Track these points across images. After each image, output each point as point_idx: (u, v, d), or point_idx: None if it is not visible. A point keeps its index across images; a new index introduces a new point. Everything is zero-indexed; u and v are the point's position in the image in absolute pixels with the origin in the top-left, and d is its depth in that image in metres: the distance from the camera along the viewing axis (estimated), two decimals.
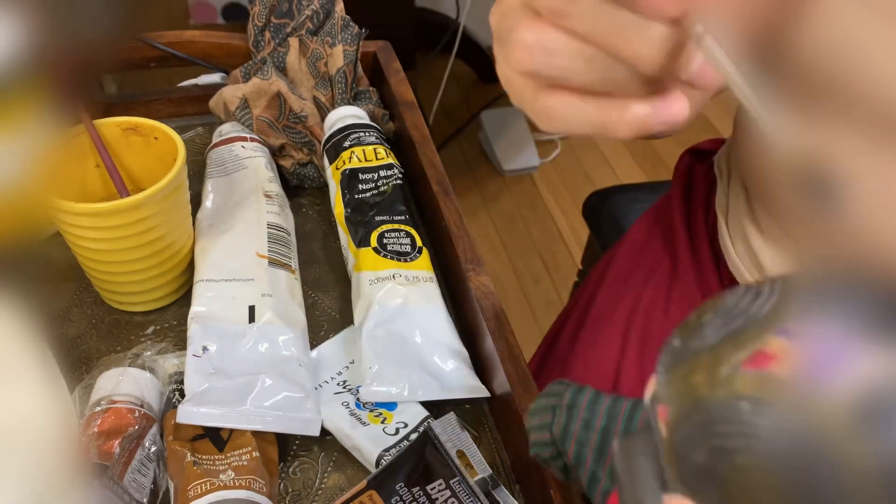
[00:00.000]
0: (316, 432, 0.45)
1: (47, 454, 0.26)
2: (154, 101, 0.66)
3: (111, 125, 0.51)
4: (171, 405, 0.46)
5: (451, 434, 0.44)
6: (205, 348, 0.46)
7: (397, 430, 0.45)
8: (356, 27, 0.63)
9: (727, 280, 0.56)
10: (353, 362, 0.50)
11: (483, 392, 0.48)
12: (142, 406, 0.44)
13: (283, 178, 0.61)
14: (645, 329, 0.60)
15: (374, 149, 0.57)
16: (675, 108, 0.26)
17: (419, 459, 0.42)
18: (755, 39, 0.45)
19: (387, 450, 0.44)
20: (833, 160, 0.42)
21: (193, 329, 0.47)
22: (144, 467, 0.42)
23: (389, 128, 0.64)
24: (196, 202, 0.55)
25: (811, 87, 0.42)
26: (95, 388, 0.45)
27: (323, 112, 0.61)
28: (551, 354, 0.66)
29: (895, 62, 0.37)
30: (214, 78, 0.68)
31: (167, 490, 0.42)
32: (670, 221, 0.63)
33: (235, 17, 2.18)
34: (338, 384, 0.49)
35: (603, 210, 0.97)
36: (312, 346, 0.51)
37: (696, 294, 0.58)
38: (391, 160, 0.58)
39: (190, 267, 0.52)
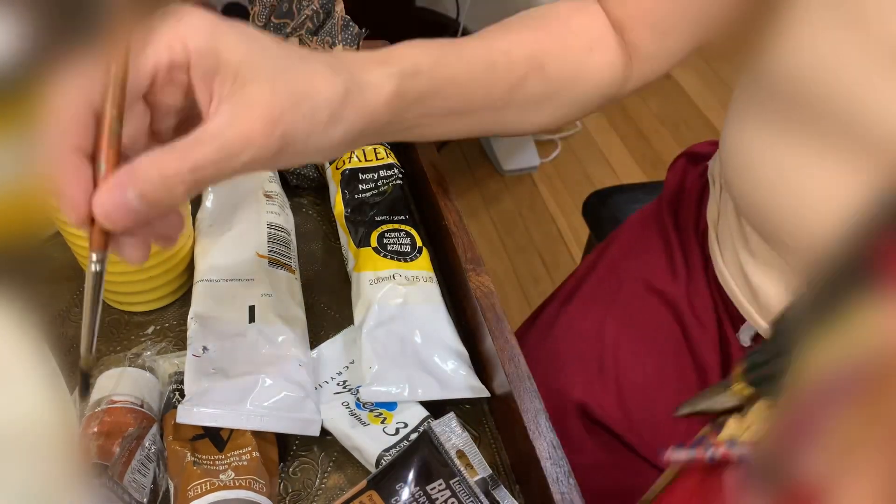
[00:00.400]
0: (316, 432, 0.45)
1: (47, 454, 0.26)
2: None
3: None
4: (170, 405, 0.46)
5: (451, 434, 0.43)
6: (205, 348, 0.46)
7: (397, 430, 0.45)
8: (356, 27, 0.63)
9: (714, 283, 0.56)
10: (353, 362, 0.50)
11: (483, 392, 0.48)
12: (142, 406, 0.44)
13: (284, 177, 0.61)
14: (626, 310, 0.60)
15: (374, 148, 0.57)
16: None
17: (419, 459, 0.42)
18: (737, 55, 0.45)
19: (387, 450, 0.44)
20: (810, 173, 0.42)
21: (193, 329, 0.47)
22: (144, 467, 0.42)
23: None
24: (196, 202, 0.55)
25: (785, 104, 0.43)
26: (95, 388, 0.44)
27: None
28: (538, 319, 0.67)
29: (861, 82, 0.37)
30: None
31: (167, 490, 0.42)
32: (662, 222, 0.63)
33: (236, 16, 2.17)
34: (338, 384, 0.49)
35: (603, 210, 0.97)
36: (312, 346, 0.51)
37: (682, 296, 0.58)
38: (391, 160, 0.57)
39: (190, 267, 0.52)
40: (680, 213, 0.62)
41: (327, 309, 0.54)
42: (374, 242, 0.53)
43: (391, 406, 0.46)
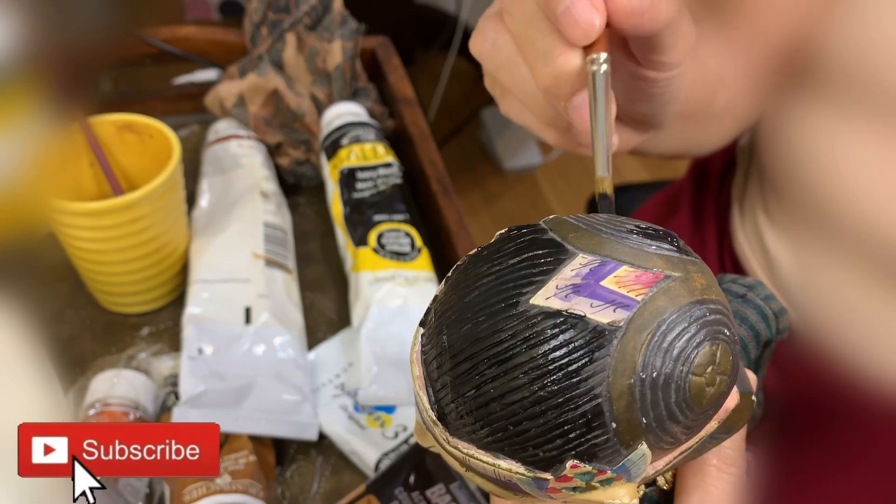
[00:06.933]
0: (313, 436, 0.44)
1: None
2: (149, 98, 0.65)
3: (106, 123, 0.50)
4: (165, 408, 0.45)
5: None
6: (200, 350, 0.45)
7: (396, 434, 0.45)
8: (355, 22, 0.63)
9: (730, 262, 0.56)
10: (351, 364, 0.49)
11: None
12: (136, 409, 0.43)
13: (281, 176, 0.61)
14: None
15: (374, 146, 0.57)
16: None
17: (418, 463, 0.42)
18: (788, 40, 0.44)
19: (386, 454, 0.43)
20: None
21: (189, 331, 0.47)
22: None
23: (388, 125, 0.64)
24: (191, 201, 0.55)
25: (843, 86, 0.42)
26: (89, 391, 0.44)
27: (321, 109, 0.61)
28: None
29: None
30: (210, 75, 0.67)
31: (162, 494, 0.42)
32: (679, 202, 0.63)
33: (232, 12, 2.17)
34: (336, 387, 0.48)
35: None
36: (310, 348, 0.50)
37: None
38: (390, 158, 0.57)
39: (185, 267, 0.52)
40: (702, 193, 0.62)
41: (325, 310, 0.54)
42: (372, 242, 0.52)
43: (390, 409, 0.46)
